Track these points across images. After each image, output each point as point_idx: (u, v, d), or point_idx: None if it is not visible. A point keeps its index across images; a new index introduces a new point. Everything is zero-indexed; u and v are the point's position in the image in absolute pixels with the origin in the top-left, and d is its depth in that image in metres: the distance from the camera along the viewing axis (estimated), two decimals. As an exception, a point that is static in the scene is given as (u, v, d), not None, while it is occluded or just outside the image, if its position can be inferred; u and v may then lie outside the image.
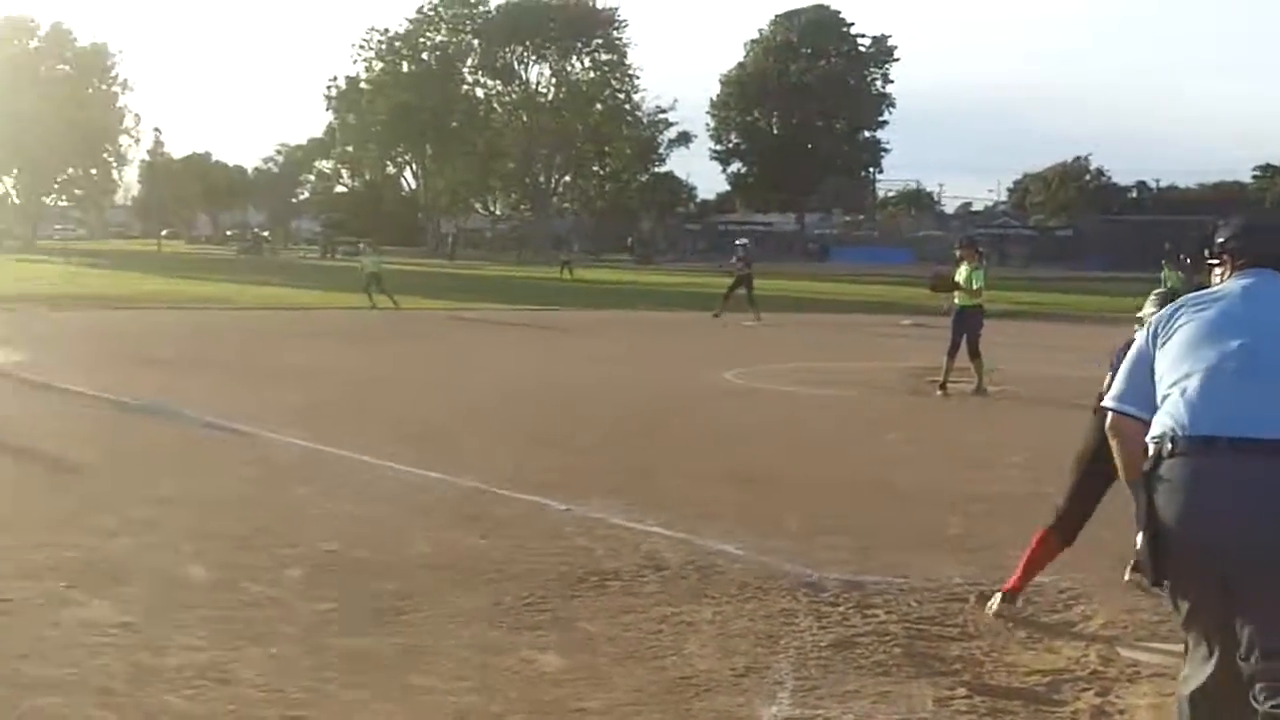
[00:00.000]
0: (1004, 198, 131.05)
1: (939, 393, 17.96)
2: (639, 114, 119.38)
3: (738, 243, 37.66)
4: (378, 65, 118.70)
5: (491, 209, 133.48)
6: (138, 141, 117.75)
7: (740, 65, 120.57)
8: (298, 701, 5.54)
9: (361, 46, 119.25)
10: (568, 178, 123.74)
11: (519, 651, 6.27)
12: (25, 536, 8.32)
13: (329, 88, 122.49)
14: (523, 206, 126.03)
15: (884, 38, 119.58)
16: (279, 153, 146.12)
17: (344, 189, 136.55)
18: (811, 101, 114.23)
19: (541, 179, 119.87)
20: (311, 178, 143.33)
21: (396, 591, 7.20)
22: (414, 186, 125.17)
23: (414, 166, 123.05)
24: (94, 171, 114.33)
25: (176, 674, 5.83)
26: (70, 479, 10.59)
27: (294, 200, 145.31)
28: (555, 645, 6.38)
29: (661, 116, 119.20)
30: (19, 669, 5.84)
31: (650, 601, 7.17)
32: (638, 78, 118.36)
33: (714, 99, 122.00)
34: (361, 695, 5.64)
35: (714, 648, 6.41)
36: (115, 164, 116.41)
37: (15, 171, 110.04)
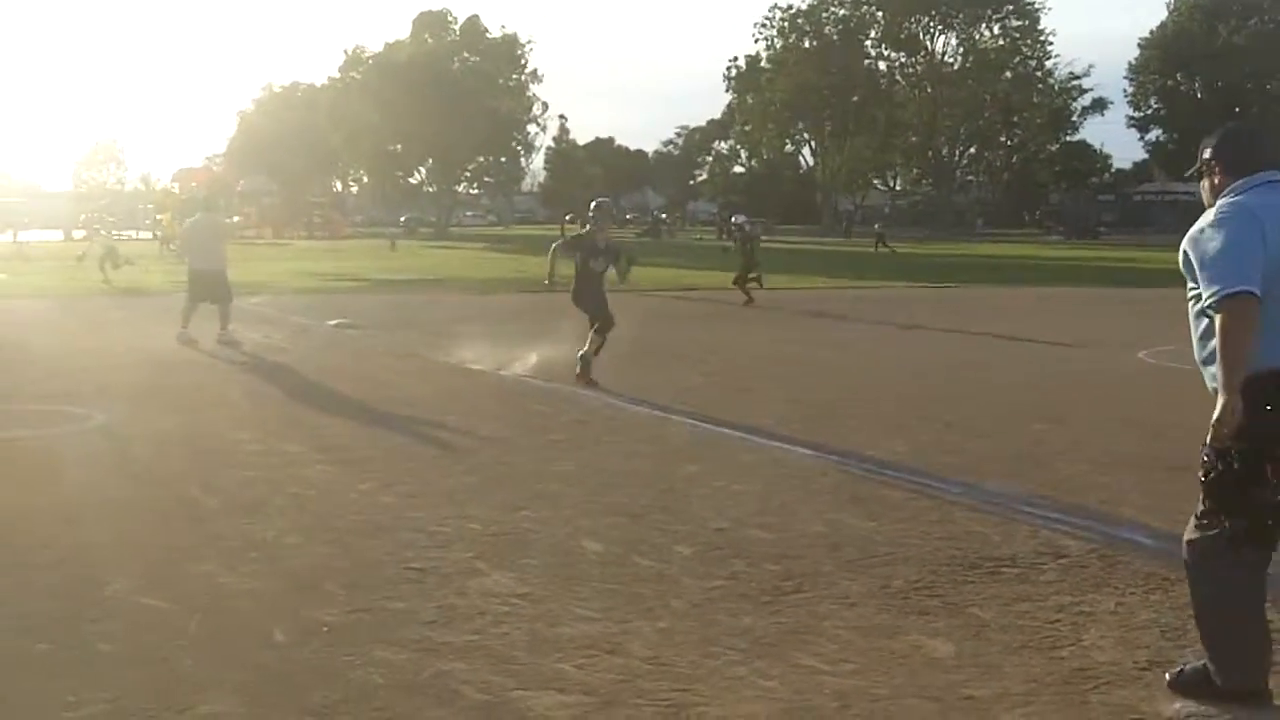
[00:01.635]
0: None
1: None
2: (1050, 81, 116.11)
3: (735, 220, 36.13)
4: (779, 43, 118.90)
5: (891, 185, 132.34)
6: (544, 129, 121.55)
7: (1162, 26, 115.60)
8: (684, 675, 5.64)
9: (763, 25, 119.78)
10: (972, 150, 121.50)
11: (907, 636, 6.22)
12: (435, 509, 8.73)
13: (729, 69, 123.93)
14: (924, 181, 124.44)
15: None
16: (678, 135, 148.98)
17: (741, 169, 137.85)
18: (1241, 63, 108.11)
19: (945, 152, 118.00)
20: (709, 159, 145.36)
21: (784, 571, 7.25)
22: (812, 165, 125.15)
23: (812, 144, 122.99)
24: (503, 160, 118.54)
25: (570, 644, 6.03)
26: (477, 454, 11.00)
27: (692, 182, 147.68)
28: (945, 631, 6.29)
29: (1074, 83, 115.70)
30: (428, 635, 6.14)
31: (1048, 590, 7.00)
32: (1050, 44, 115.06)
33: (1132, 63, 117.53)
34: (746, 672, 5.70)
35: (1115, 639, 6.21)
36: (523, 152, 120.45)
37: (430, 161, 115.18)
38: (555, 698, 5.40)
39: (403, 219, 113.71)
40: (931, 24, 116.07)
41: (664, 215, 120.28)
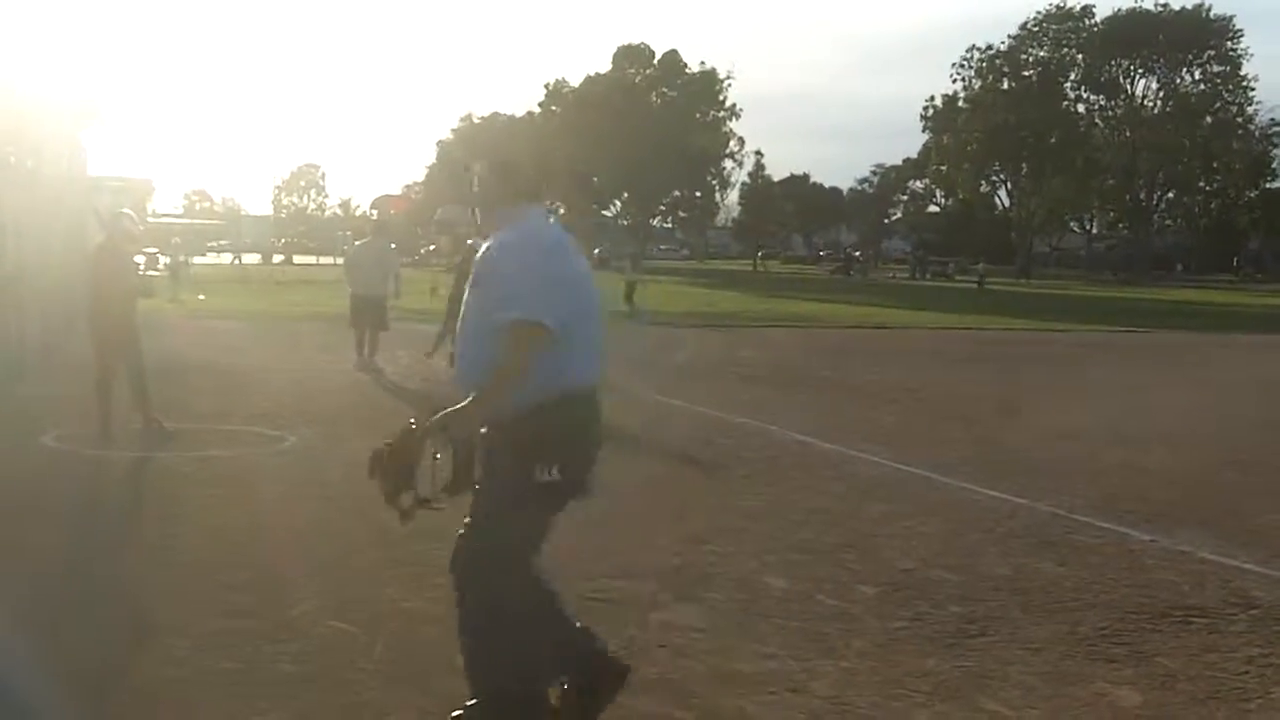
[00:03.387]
0: None
1: None
2: (1251, 127, 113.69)
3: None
4: (976, 84, 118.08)
5: (1087, 227, 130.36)
6: (740, 165, 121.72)
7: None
8: (866, 717, 5.62)
9: (961, 65, 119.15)
10: (1171, 195, 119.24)
11: (1093, 684, 6.12)
12: (620, 540, 8.77)
13: (926, 108, 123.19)
14: (1121, 225, 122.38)
15: None
16: (874, 173, 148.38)
17: (936, 209, 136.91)
18: None
19: (1142, 196, 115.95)
20: (904, 198, 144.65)
21: (968, 614, 7.17)
22: (1007, 205, 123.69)
23: (1008, 185, 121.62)
24: (698, 194, 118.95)
25: (751, 680, 6.03)
26: (663, 486, 11.07)
27: (886, 220, 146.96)
28: (1131, 680, 6.19)
29: (1276, 129, 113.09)
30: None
31: (1237, 641, 6.86)
32: (1252, 89, 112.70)
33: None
34: (928, 716, 5.66)
35: (1305, 694, 6.05)
36: (718, 187, 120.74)
37: (625, 195, 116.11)
38: (735, 734, 5.41)
39: (595, 251, 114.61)
40: (1132, 68, 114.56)
41: (857, 253, 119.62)
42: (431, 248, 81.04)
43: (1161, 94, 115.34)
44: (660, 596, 7.42)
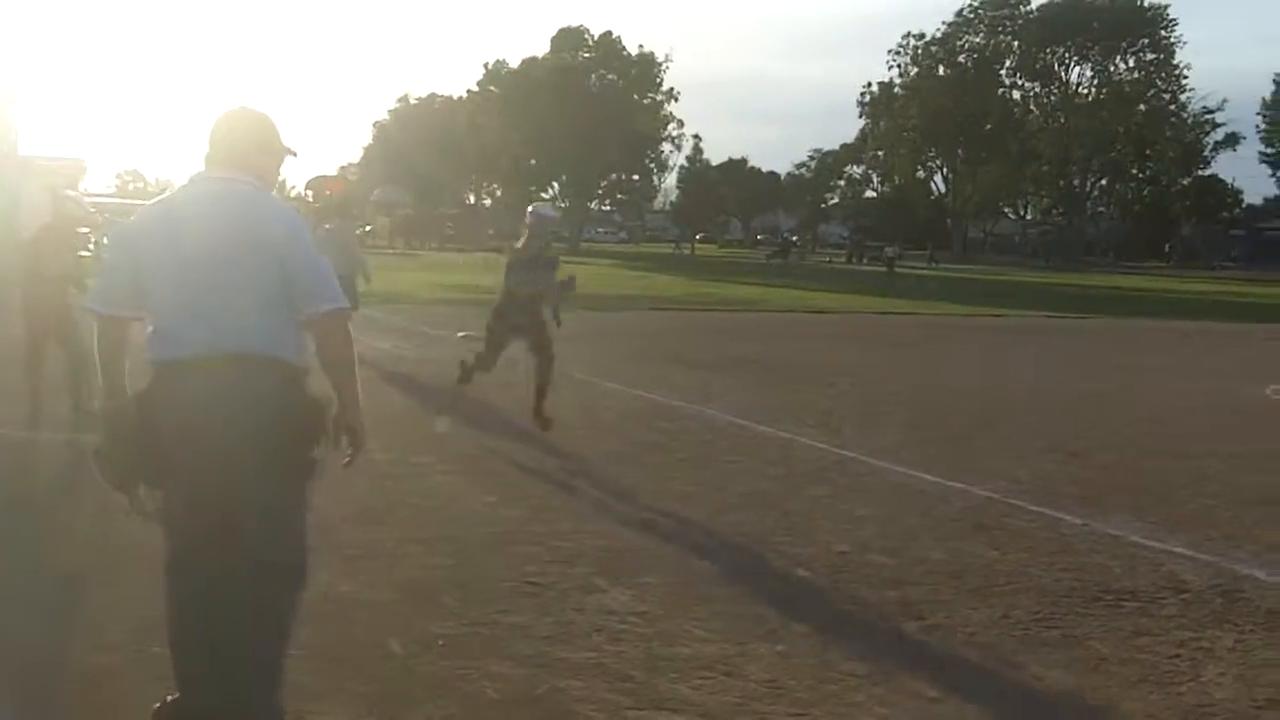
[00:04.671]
0: None
1: None
2: (1184, 115, 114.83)
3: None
4: (913, 70, 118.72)
5: (1022, 214, 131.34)
6: (679, 149, 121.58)
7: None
8: (801, 700, 5.63)
9: (897, 52, 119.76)
10: (1104, 181, 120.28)
11: (1027, 668, 6.17)
12: (557, 524, 8.77)
13: (863, 94, 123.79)
14: (1055, 211, 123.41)
15: None
16: (811, 158, 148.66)
17: (873, 194, 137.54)
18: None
19: (1076, 183, 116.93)
20: (841, 183, 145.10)
21: (904, 598, 7.21)
22: (943, 191, 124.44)
23: (944, 171, 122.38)
24: (636, 178, 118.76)
25: (687, 664, 6.03)
26: (602, 470, 11.04)
27: (824, 205, 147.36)
28: (1064, 663, 6.24)
29: (1208, 117, 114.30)
30: (544, 650, 6.17)
31: (1168, 625, 6.94)
32: (1185, 78, 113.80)
33: (1266, 99, 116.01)
34: (864, 699, 5.68)
35: (1234, 676, 6.15)
36: (656, 170, 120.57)
37: (563, 177, 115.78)
38: (671, 718, 5.40)
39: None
40: (1067, 55, 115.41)
41: (794, 237, 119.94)
42: (368, 228, 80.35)
43: (1096, 81, 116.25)
44: (596, 580, 7.40)
